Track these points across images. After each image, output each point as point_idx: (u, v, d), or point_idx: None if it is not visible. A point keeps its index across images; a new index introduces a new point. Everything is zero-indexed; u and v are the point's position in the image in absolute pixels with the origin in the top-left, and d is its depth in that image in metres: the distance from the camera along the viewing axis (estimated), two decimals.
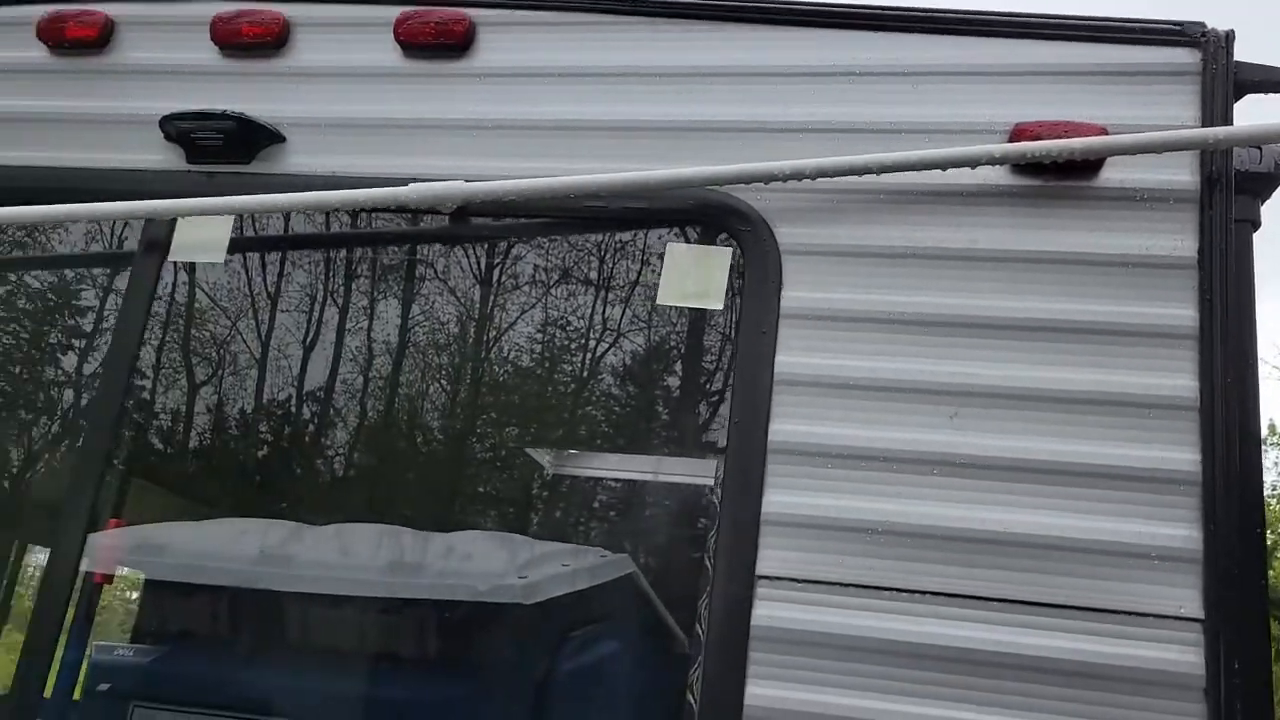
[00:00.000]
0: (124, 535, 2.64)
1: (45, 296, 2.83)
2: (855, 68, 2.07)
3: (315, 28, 2.35)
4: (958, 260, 1.94)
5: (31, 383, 2.74)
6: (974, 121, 1.99)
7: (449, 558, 3.20)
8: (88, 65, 2.40)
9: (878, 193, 2.00)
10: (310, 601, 3.09)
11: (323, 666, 3.10)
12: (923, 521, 1.81)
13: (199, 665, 2.99)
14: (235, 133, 2.24)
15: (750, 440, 1.91)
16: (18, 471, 2.93)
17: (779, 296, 1.97)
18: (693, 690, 2.03)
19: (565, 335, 2.18)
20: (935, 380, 1.87)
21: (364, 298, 2.37)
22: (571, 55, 2.23)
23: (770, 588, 1.83)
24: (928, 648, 1.77)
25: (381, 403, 2.74)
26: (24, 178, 2.34)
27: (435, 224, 2.26)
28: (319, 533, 3.12)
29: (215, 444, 2.62)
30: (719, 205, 2.05)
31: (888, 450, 1.85)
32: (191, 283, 2.40)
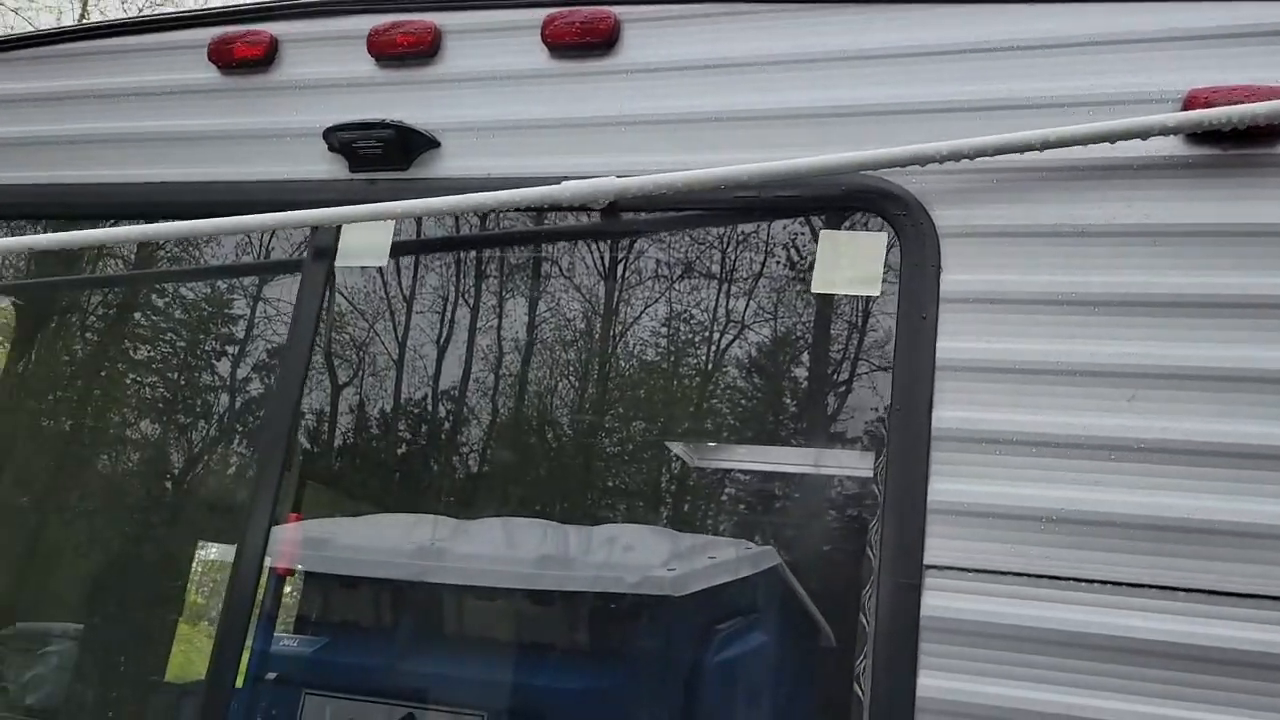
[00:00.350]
0: (301, 530, 2.77)
1: (215, 304, 3.00)
2: (1012, 42, 2.01)
3: (465, 34, 2.41)
4: (1130, 236, 1.86)
5: (207, 388, 2.91)
6: (1144, 91, 1.91)
7: (599, 550, 3.25)
8: (255, 83, 2.53)
9: (1041, 170, 1.93)
10: (467, 594, 3.18)
11: (479, 656, 3.19)
12: (1100, 509, 1.75)
13: (364, 655, 3.12)
14: (394, 140, 2.33)
15: (912, 428, 1.87)
16: (193, 472, 3.11)
17: (938, 280, 1.93)
18: (860, 682, 2.00)
19: (717, 327, 2.18)
20: (1110, 362, 1.80)
21: (518, 297, 2.43)
22: (716, 47, 2.22)
23: (939, 578, 1.79)
24: (1106, 639, 1.70)
25: (540, 399, 2.80)
26: (202, 193, 2.48)
27: (588, 221, 2.30)
28: (476, 527, 3.21)
29: (381, 442, 2.73)
30: (873, 190, 2.01)
31: (1061, 435, 1.79)
32: (355, 287, 2.51)
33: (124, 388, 3.12)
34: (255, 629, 2.29)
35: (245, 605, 2.14)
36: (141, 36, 2.65)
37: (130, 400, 3.12)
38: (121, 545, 3.25)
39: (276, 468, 2.18)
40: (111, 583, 3.31)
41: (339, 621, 3.12)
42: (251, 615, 2.15)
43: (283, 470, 2.19)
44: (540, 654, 3.14)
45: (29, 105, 2.72)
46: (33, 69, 2.74)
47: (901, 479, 1.85)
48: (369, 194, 2.33)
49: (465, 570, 3.15)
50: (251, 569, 2.14)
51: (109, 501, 3.21)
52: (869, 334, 2.03)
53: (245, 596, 2.14)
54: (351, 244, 2.37)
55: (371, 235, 2.35)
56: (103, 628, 3.46)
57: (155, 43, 2.64)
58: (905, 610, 1.78)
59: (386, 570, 2.98)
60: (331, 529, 2.98)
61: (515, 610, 3.18)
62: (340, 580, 3.04)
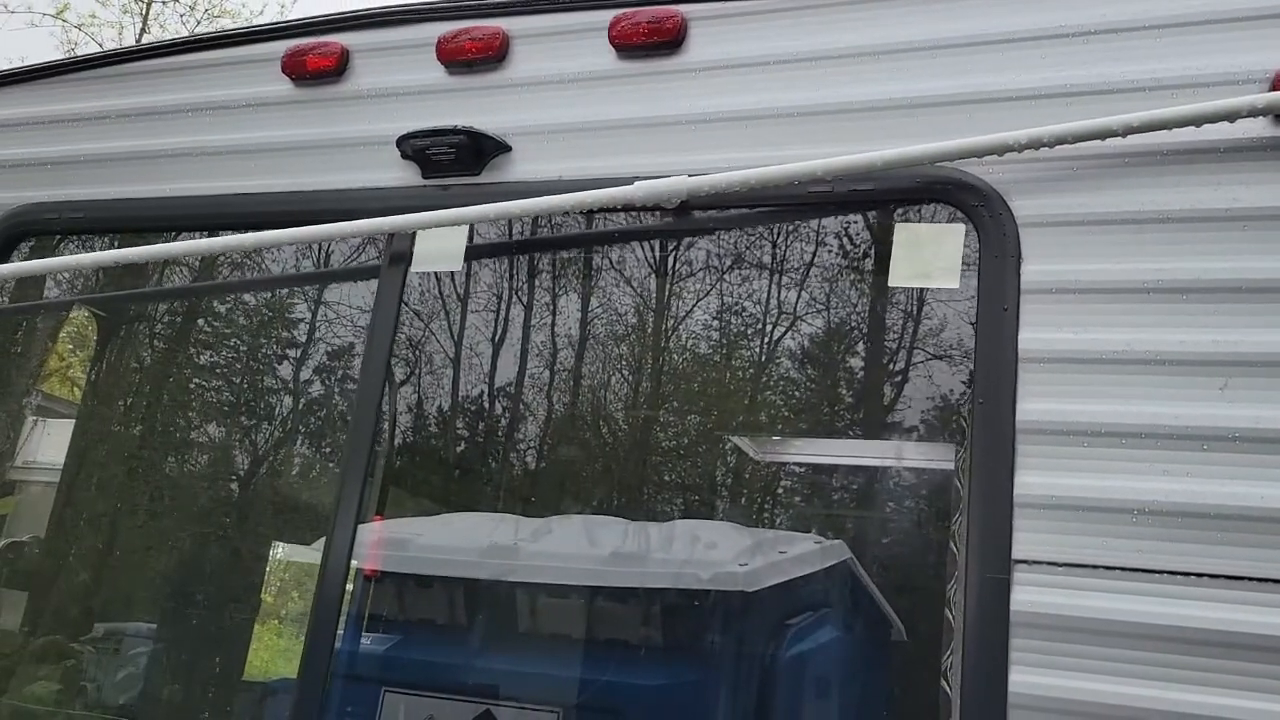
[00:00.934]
0: (384, 530, 2.82)
1: (293, 313, 3.06)
2: (1089, 26, 1.97)
3: (532, 38, 2.43)
4: (1217, 221, 1.82)
5: (289, 395, 2.97)
6: (1227, 72, 1.86)
7: (670, 546, 3.26)
8: (328, 94, 2.57)
9: (1121, 156, 1.90)
10: (542, 591, 3.21)
11: (555, 653, 3.23)
12: (1193, 500, 1.71)
13: (441, 653, 3.17)
14: (465, 146, 2.35)
15: (996, 421, 1.85)
16: (278, 475, 3.19)
17: (1019, 271, 1.91)
18: (947, 678, 1.99)
19: (793, 324, 2.17)
20: (1200, 350, 1.76)
21: (593, 298, 2.44)
22: (785, 42, 2.22)
23: (1028, 572, 1.77)
24: (1203, 632, 1.67)
25: (618, 398, 2.82)
26: (279, 204, 2.53)
27: (660, 220, 2.30)
28: (550, 525, 3.24)
29: (460, 443, 2.77)
30: (949, 181, 1.99)
31: (1151, 426, 1.76)
32: (431, 292, 2.55)
33: (205, 396, 3.19)
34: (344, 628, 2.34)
35: (334, 605, 2.19)
36: (216, 52, 2.71)
37: (211, 407, 3.20)
38: (207, 547, 3.33)
39: (361, 470, 2.23)
40: (199, 584, 3.39)
41: (417, 620, 3.17)
42: (340, 614, 2.19)
43: (367, 472, 2.23)
44: (614, 651, 3.16)
45: (109, 123, 2.80)
46: (111, 87, 2.81)
47: (986, 473, 1.83)
48: (443, 200, 2.36)
49: (539, 568, 3.18)
50: (339, 569, 2.19)
51: (195, 505, 3.29)
52: (947, 327, 2.01)
53: (334, 596, 2.19)
54: (427, 250, 2.40)
55: (446, 240, 2.39)
56: (187, 627, 3.55)
57: (230, 57, 2.70)
58: (994, 605, 1.77)
59: (464, 569, 3.02)
60: (411, 529, 3.03)
61: (590, 607, 3.20)
62: (419, 579, 3.09)
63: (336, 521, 2.21)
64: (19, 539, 4.13)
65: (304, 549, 3.75)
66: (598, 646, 3.19)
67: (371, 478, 2.24)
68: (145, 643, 3.61)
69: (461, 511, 3.18)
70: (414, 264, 2.41)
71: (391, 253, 2.42)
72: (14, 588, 3.64)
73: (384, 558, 2.61)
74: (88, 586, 3.62)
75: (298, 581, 4.03)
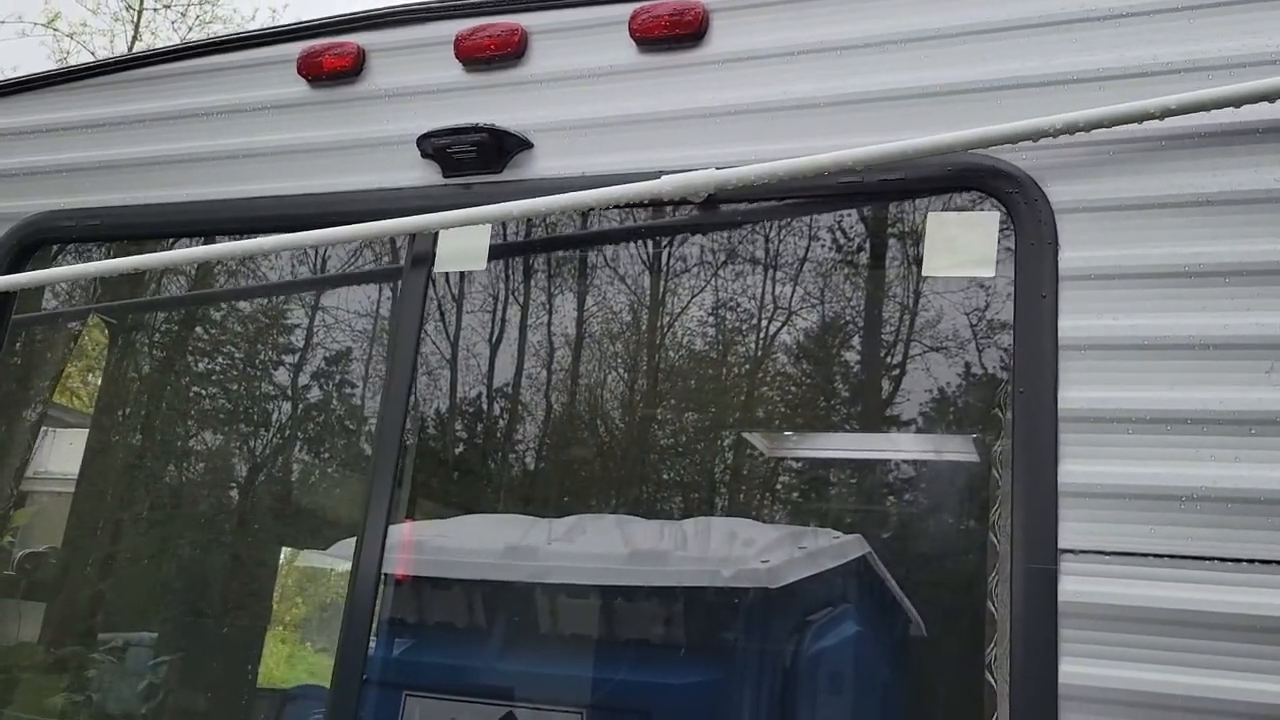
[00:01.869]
0: (414, 532, 2.80)
1: (312, 315, 3.04)
2: (1121, 9, 1.95)
3: (551, 33, 2.41)
4: (1258, 203, 1.80)
5: (310, 397, 2.95)
6: (1266, 51, 1.84)
7: (691, 544, 3.25)
8: (345, 94, 2.55)
9: (1158, 139, 1.87)
10: (565, 591, 3.19)
11: (577, 653, 3.21)
12: (1242, 485, 1.69)
13: (466, 656, 3.14)
14: (487, 144, 2.33)
15: (1038, 410, 1.83)
16: (300, 480, 3.17)
17: (1056, 258, 1.88)
18: (992, 670, 1.97)
19: (824, 314, 2.15)
20: (1246, 334, 1.74)
21: (621, 294, 2.42)
22: (808, 31, 2.19)
23: (1075, 562, 1.75)
24: (1256, 619, 1.65)
25: (645, 391, 2.79)
26: (298, 206, 2.51)
27: (686, 214, 2.28)
28: (572, 525, 3.22)
29: (486, 444, 2.74)
30: (982, 168, 1.97)
31: (1197, 411, 1.73)
32: (454, 292, 2.52)
33: (222, 402, 3.17)
34: (375, 633, 2.32)
35: (366, 610, 2.16)
36: (230, 55, 2.69)
37: (230, 413, 3.18)
38: (227, 555, 3.31)
39: (390, 474, 2.20)
40: (219, 591, 3.37)
41: (441, 622, 3.14)
42: (372, 620, 2.17)
43: (396, 475, 2.21)
44: (638, 650, 3.15)
45: (124, 128, 2.77)
46: (125, 92, 2.79)
47: (1029, 463, 1.81)
48: (465, 198, 2.33)
49: (562, 569, 3.16)
50: (370, 574, 2.16)
51: (212, 511, 3.27)
52: (985, 316, 1.99)
53: (366, 601, 2.17)
54: (450, 249, 2.38)
55: (469, 240, 2.36)
56: (207, 635, 3.53)
57: (244, 60, 2.67)
58: (1042, 596, 1.74)
59: (488, 571, 3.00)
60: (438, 531, 3.01)
61: (615, 606, 3.19)
62: (444, 581, 3.07)
63: (367, 525, 2.18)
64: (35, 550, 4.10)
65: (319, 554, 3.73)
66: (621, 646, 3.17)
67: (400, 481, 2.21)
68: (165, 651, 3.59)
69: (486, 513, 3.16)
70: (437, 264, 2.39)
71: (414, 253, 2.40)
72: (32, 598, 3.62)
73: (413, 561, 2.59)
74: (105, 596, 3.60)
75: (314, 586, 4.00)
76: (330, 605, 3.72)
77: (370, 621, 2.17)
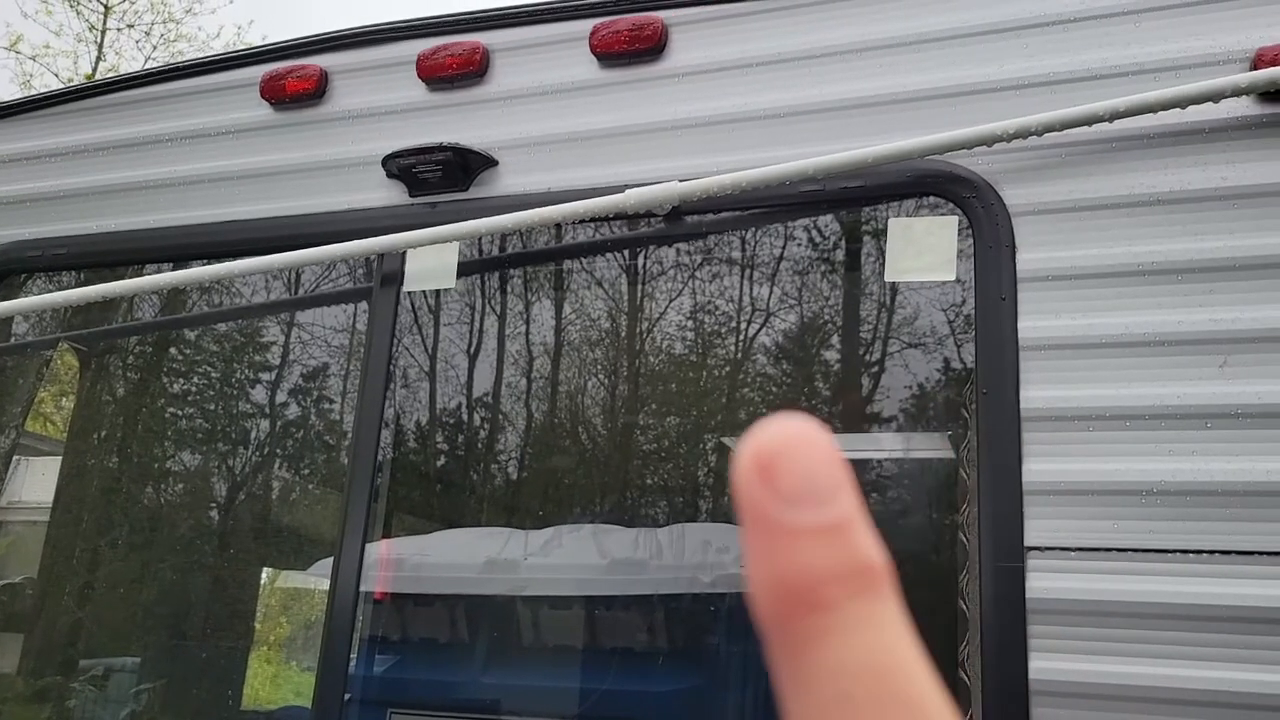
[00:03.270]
0: (390, 550, 2.81)
1: (280, 338, 3.04)
2: (1069, 14, 1.99)
3: (513, 51, 2.43)
4: (1207, 201, 1.84)
5: (283, 419, 2.95)
6: (1209, 53, 1.89)
7: (672, 551, 3.26)
8: (308, 116, 2.55)
9: (1109, 141, 1.92)
10: (546, 603, 3.21)
11: (561, 664, 3.22)
12: (1200, 478, 1.73)
13: (449, 670, 3.15)
14: (452, 162, 2.34)
15: (1001, 410, 1.86)
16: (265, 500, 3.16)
17: (1014, 260, 1.92)
18: (965, 668, 2.00)
19: (794, 320, 2.17)
20: (1197, 329, 1.78)
21: (589, 308, 2.43)
22: (767, 43, 2.22)
23: (1042, 558, 1.78)
24: (1217, 609, 1.69)
25: (614, 402, 2.81)
26: (264, 230, 2.51)
27: (653, 226, 2.30)
28: (552, 535, 3.23)
29: (458, 457, 2.76)
30: (940, 174, 2.01)
31: (1154, 407, 1.77)
32: (428, 308, 2.53)
33: (193, 426, 3.17)
34: (356, 651, 2.32)
35: (346, 628, 2.17)
36: (192, 80, 2.69)
37: (206, 433, 3.17)
38: (205, 577, 3.30)
39: (366, 491, 2.21)
40: (198, 614, 3.36)
41: (423, 638, 3.15)
42: (353, 638, 2.18)
43: (372, 493, 2.22)
44: (623, 658, 3.16)
45: (88, 156, 2.77)
46: (89, 120, 2.78)
47: (994, 461, 1.85)
48: (431, 217, 2.35)
49: (542, 580, 3.17)
50: (349, 592, 2.17)
51: (190, 532, 3.26)
52: (947, 318, 2.02)
53: (345, 619, 2.17)
54: (418, 268, 2.39)
55: (437, 258, 2.38)
56: (188, 659, 3.51)
57: (206, 85, 2.68)
58: (1010, 593, 1.78)
59: (470, 586, 3.01)
60: (417, 547, 3.02)
61: (597, 617, 3.20)
62: (424, 597, 3.08)
63: (344, 543, 2.19)
64: (11, 580, 4.08)
65: (300, 574, 3.72)
66: (604, 656, 3.19)
67: (376, 498, 2.22)
68: (147, 677, 3.57)
69: (465, 526, 3.17)
70: (406, 283, 2.40)
71: (383, 272, 2.41)
72: (10, 630, 3.59)
73: (391, 578, 2.59)
74: (84, 624, 3.58)
75: (298, 606, 4.00)
76: (314, 624, 3.72)
77: (350, 640, 2.18)
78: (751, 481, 0.30)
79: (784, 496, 0.30)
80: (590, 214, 2.16)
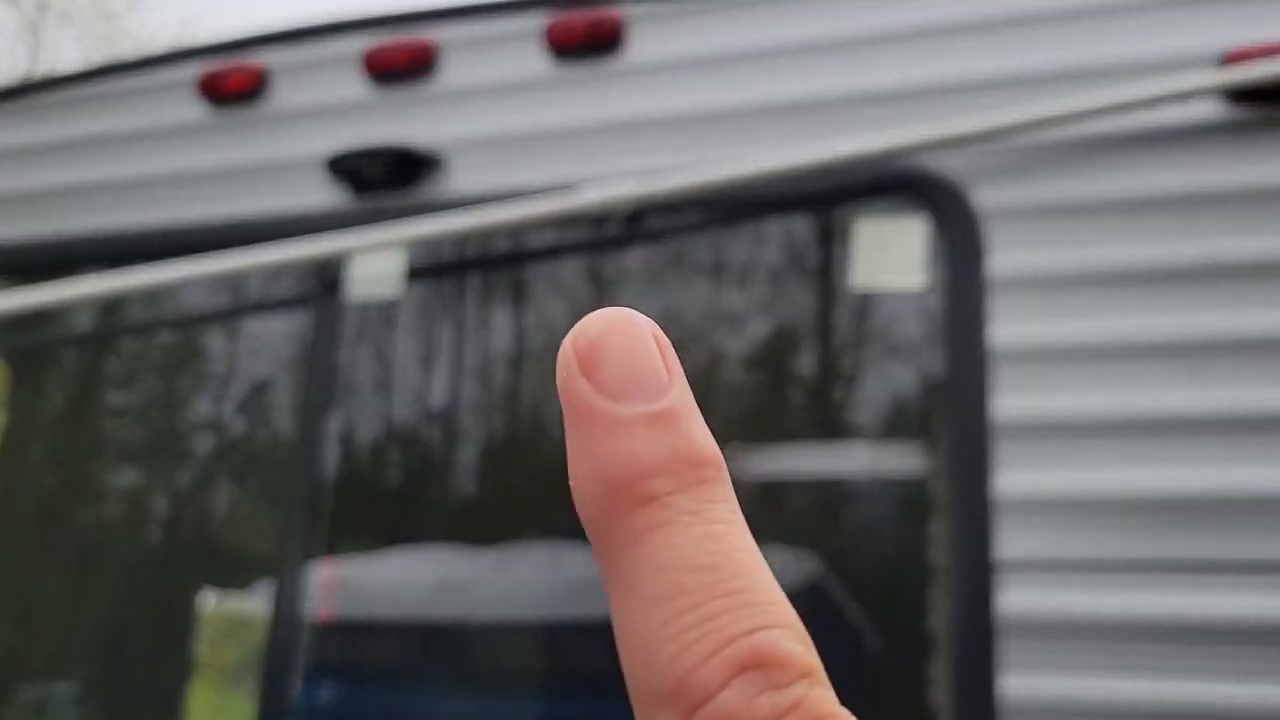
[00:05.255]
0: (336, 572, 2.69)
1: (214, 346, 2.91)
2: (1038, 13, 1.94)
3: (462, 47, 2.33)
4: (1177, 204, 1.79)
5: (223, 434, 2.82)
6: (1178, 54, 1.84)
7: None
8: (249, 115, 2.44)
9: (1079, 143, 1.86)
10: (501, 626, 3.10)
11: (518, 688, 3.11)
12: (1173, 487, 1.68)
13: (397, 696, 3.03)
14: (398, 162, 2.25)
15: (971, 420, 1.80)
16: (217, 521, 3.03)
17: (984, 264, 1.86)
18: (933, 686, 1.93)
19: (754, 327, 2.10)
20: (1172, 335, 1.73)
21: (541, 313, 2.34)
22: (728, 39, 2.15)
23: (1013, 572, 1.72)
24: (1192, 623, 1.64)
25: None
26: (202, 233, 2.40)
27: (609, 229, 2.22)
28: (506, 555, 3.13)
29: (413, 477, 2.65)
30: (907, 175, 1.94)
31: (1129, 416, 1.72)
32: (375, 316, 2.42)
33: (135, 437, 3.03)
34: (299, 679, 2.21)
35: (288, 654, 2.06)
36: (127, 78, 2.56)
37: (138, 451, 3.04)
38: (147, 599, 3.16)
39: (309, 510, 2.10)
40: (136, 638, 3.22)
41: (369, 663, 3.03)
42: (296, 664, 2.06)
43: (316, 512, 2.11)
44: (587, 683, 3.06)
45: (16, 159, 2.63)
46: (14, 121, 2.65)
47: (963, 474, 1.78)
48: (377, 219, 2.24)
49: (500, 601, 3.07)
50: (291, 615, 2.06)
51: (128, 554, 3.12)
52: (916, 325, 1.96)
53: (287, 644, 2.06)
54: (363, 274, 2.29)
55: (383, 263, 2.27)
56: (128, 684, 3.37)
57: (142, 84, 2.55)
58: (979, 609, 1.71)
59: (420, 608, 2.89)
60: (361, 568, 2.90)
61: (553, 639, 3.10)
62: (370, 620, 2.96)
63: (286, 564, 2.08)
64: None
65: (243, 596, 3.58)
66: (563, 679, 3.08)
67: (321, 517, 2.11)
68: (86, 702, 3.42)
69: (414, 545, 3.06)
70: (351, 289, 2.29)
71: (325, 279, 2.30)
72: None
73: (337, 600, 2.48)
74: (19, 649, 3.42)
75: (242, 629, 3.86)
76: (256, 649, 3.57)
77: (293, 664, 2.06)
78: (572, 371, 0.29)
79: (607, 386, 0.28)
80: (543, 215, 2.07)
